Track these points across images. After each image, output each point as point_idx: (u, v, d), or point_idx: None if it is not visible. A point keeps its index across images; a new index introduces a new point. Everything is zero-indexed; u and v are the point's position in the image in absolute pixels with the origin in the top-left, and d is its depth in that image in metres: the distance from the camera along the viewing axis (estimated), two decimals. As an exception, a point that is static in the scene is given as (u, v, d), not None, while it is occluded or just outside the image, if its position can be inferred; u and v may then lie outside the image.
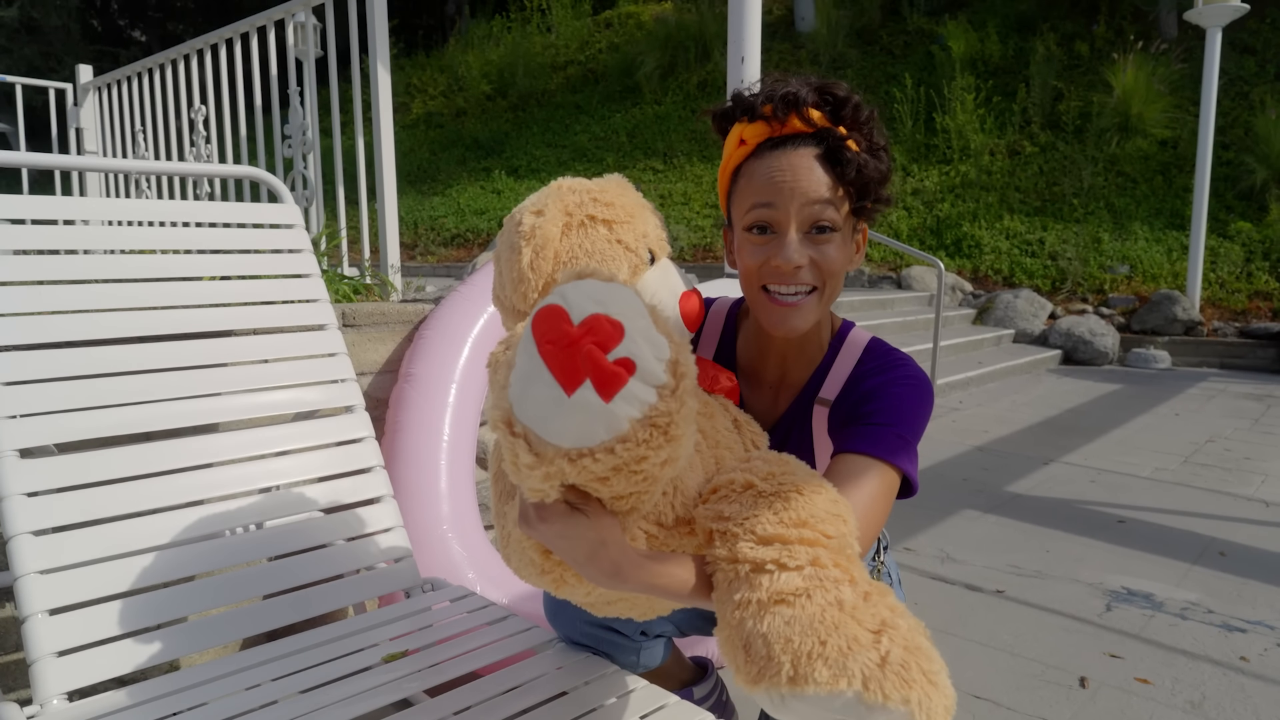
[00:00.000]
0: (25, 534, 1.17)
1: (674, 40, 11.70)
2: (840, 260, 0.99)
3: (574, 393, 0.60)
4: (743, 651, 0.71)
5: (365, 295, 2.55)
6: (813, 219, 0.97)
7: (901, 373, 1.04)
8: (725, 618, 0.74)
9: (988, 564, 2.51)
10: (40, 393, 1.28)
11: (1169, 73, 8.56)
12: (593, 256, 0.91)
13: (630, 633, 1.20)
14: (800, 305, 0.99)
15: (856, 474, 0.93)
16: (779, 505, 0.78)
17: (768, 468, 0.85)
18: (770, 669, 0.68)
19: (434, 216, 10.53)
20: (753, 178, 0.98)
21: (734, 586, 0.74)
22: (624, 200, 0.97)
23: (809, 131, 0.97)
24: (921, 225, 8.30)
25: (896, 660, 0.67)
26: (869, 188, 0.99)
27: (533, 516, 0.73)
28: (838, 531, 0.78)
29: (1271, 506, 3.09)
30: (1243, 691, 1.79)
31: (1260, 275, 6.85)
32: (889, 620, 0.71)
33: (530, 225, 0.91)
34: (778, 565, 0.73)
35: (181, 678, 1.17)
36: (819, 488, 0.82)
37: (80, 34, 16.05)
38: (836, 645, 0.67)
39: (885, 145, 1.01)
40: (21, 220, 1.42)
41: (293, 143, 2.91)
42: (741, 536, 0.76)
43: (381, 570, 1.48)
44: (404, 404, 1.87)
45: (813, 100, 0.96)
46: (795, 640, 0.68)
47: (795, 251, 0.96)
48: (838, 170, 0.96)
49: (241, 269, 1.61)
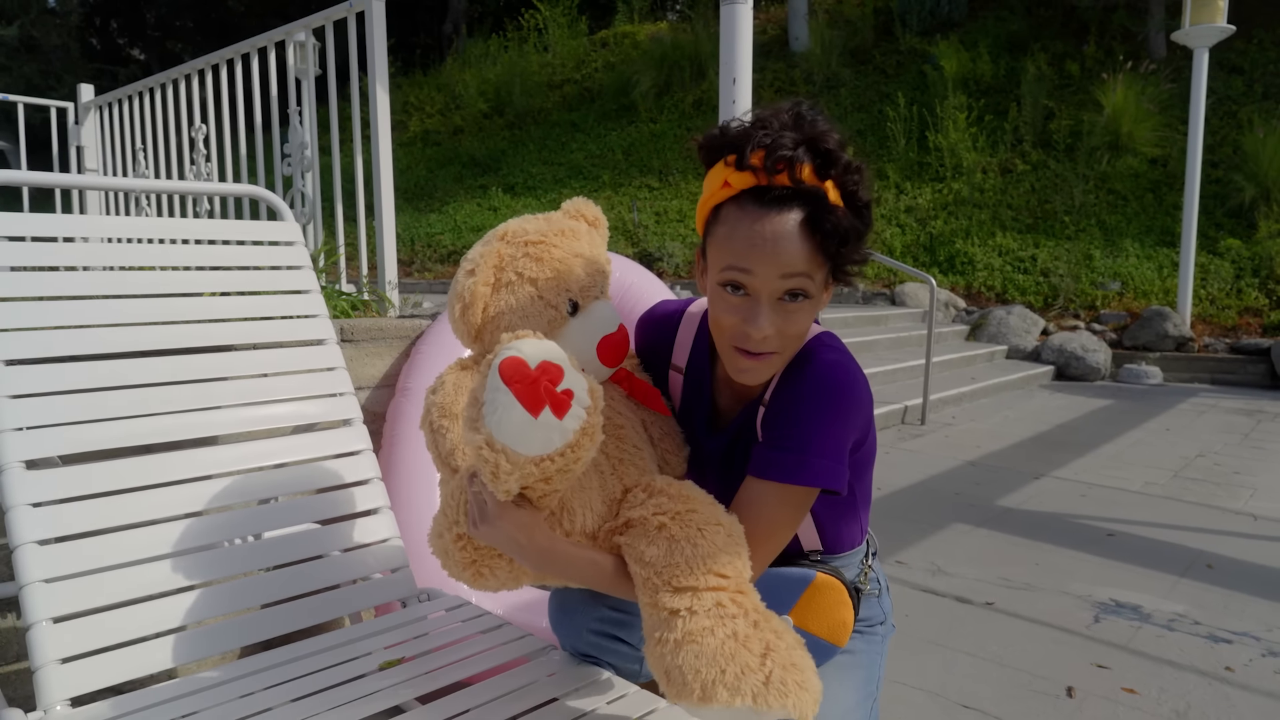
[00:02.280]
0: (30, 543, 1.20)
1: (669, 59, 11.82)
2: (806, 323, 1.02)
3: (539, 415, 0.83)
4: (664, 676, 0.95)
5: (363, 311, 2.58)
6: (787, 289, 0.98)
7: (813, 378, 1.05)
8: (650, 651, 0.97)
9: (978, 576, 2.54)
10: (46, 406, 1.31)
11: (1158, 92, 8.67)
12: (516, 312, 1.10)
13: (635, 642, 1.21)
14: (765, 360, 1.02)
15: (756, 499, 1.05)
16: (689, 552, 0.98)
17: (673, 506, 1.03)
18: (685, 692, 0.92)
19: (431, 233, 10.58)
20: (734, 231, 0.98)
21: (655, 625, 0.97)
22: (558, 252, 1.12)
23: (794, 189, 0.95)
24: (915, 242, 8.37)
25: (777, 679, 0.91)
26: (847, 253, 1.00)
27: (492, 515, 0.94)
28: (735, 571, 0.99)
29: (1260, 520, 3.12)
30: (1227, 701, 1.82)
31: (1250, 292, 6.92)
32: (772, 644, 0.94)
33: (463, 287, 1.10)
34: (689, 612, 0.95)
35: (180, 685, 1.20)
36: (718, 525, 1.02)
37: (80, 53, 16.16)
38: (733, 672, 0.91)
39: (868, 202, 1.00)
40: (21, 238, 1.45)
41: (292, 161, 2.95)
42: (661, 588, 0.98)
43: (378, 580, 1.50)
44: (401, 418, 1.90)
45: (805, 158, 0.95)
46: (702, 671, 0.92)
47: (766, 322, 0.98)
48: (818, 239, 0.96)
49: (242, 285, 1.64)
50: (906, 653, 2.04)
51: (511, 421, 0.84)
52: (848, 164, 0.97)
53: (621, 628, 1.19)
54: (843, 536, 1.21)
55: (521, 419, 0.83)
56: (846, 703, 1.17)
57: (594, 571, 1.02)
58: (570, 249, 1.13)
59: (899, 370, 5.53)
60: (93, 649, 1.19)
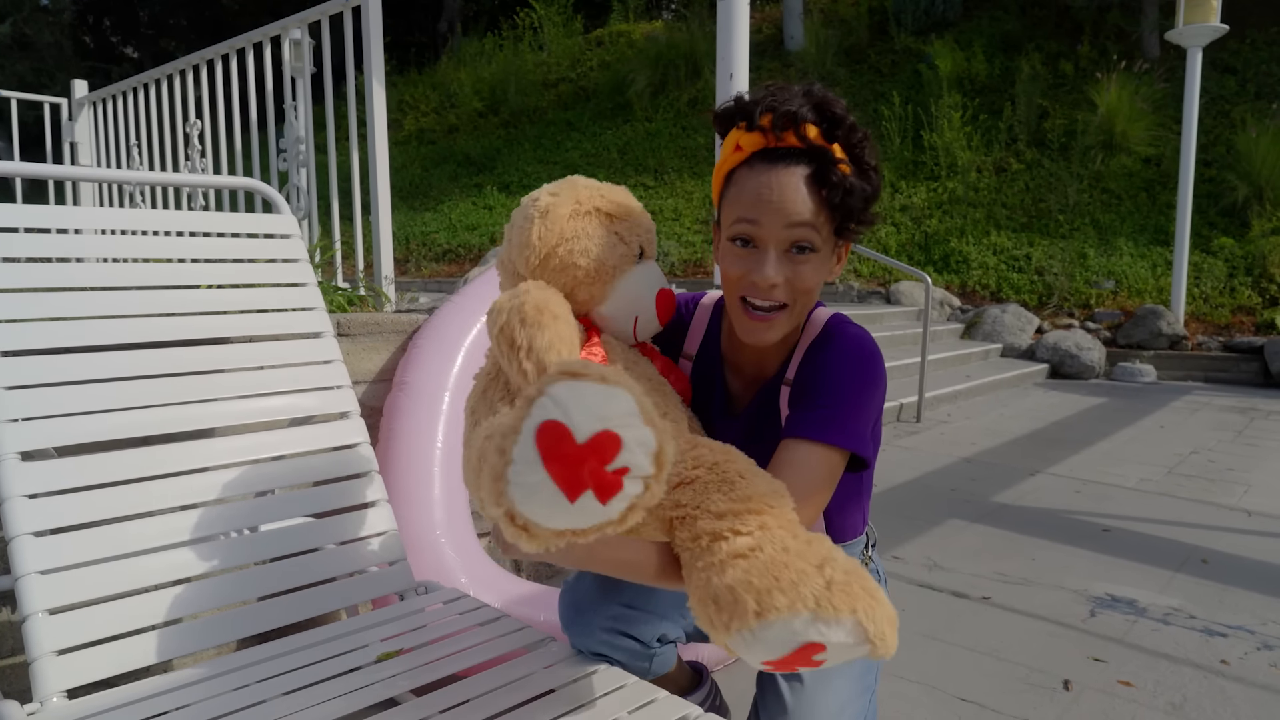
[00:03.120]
0: (26, 535, 1.19)
1: (665, 58, 11.82)
2: (815, 279, 1.03)
3: (576, 500, 0.67)
4: (712, 605, 0.82)
5: (359, 306, 2.57)
6: (793, 240, 1.00)
7: (840, 350, 1.07)
8: (694, 586, 0.85)
9: (974, 572, 2.54)
10: (41, 397, 1.30)
11: (1152, 92, 8.70)
12: (593, 239, 1.05)
13: (647, 639, 1.20)
14: (772, 320, 1.04)
15: (795, 459, 1.00)
16: (726, 488, 0.90)
17: (713, 456, 0.95)
18: (738, 610, 0.79)
19: (425, 232, 10.56)
20: (743, 188, 1.01)
21: (697, 557, 0.86)
22: (626, 202, 1.12)
23: (802, 148, 0.99)
24: (910, 241, 8.38)
25: (840, 582, 0.80)
26: (853, 210, 1.01)
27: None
28: (780, 504, 0.89)
29: (1254, 516, 3.13)
30: (1223, 693, 1.82)
31: (1243, 290, 6.94)
32: (829, 555, 0.83)
33: (545, 203, 1.06)
34: (732, 532, 0.85)
35: (176, 677, 1.19)
36: (758, 474, 0.93)
37: (73, 50, 16.09)
38: (789, 578, 0.79)
39: (875, 166, 1.03)
40: (14, 229, 1.44)
41: (288, 156, 2.94)
42: (699, 517, 0.88)
43: (375, 574, 1.50)
44: (398, 411, 1.90)
45: (811, 117, 0.98)
46: (754, 581, 0.80)
47: (773, 270, 1.00)
48: (824, 192, 0.98)
49: (238, 277, 1.64)
50: (904, 647, 2.04)
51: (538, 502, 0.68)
52: (853, 126, 1.00)
53: (633, 624, 1.18)
54: (846, 524, 1.21)
55: (551, 501, 0.68)
56: (845, 694, 1.17)
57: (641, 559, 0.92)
58: (636, 205, 1.14)
59: (894, 368, 5.54)
60: (89, 641, 1.18)
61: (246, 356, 1.54)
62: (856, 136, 1.00)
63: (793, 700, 1.15)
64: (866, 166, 1.02)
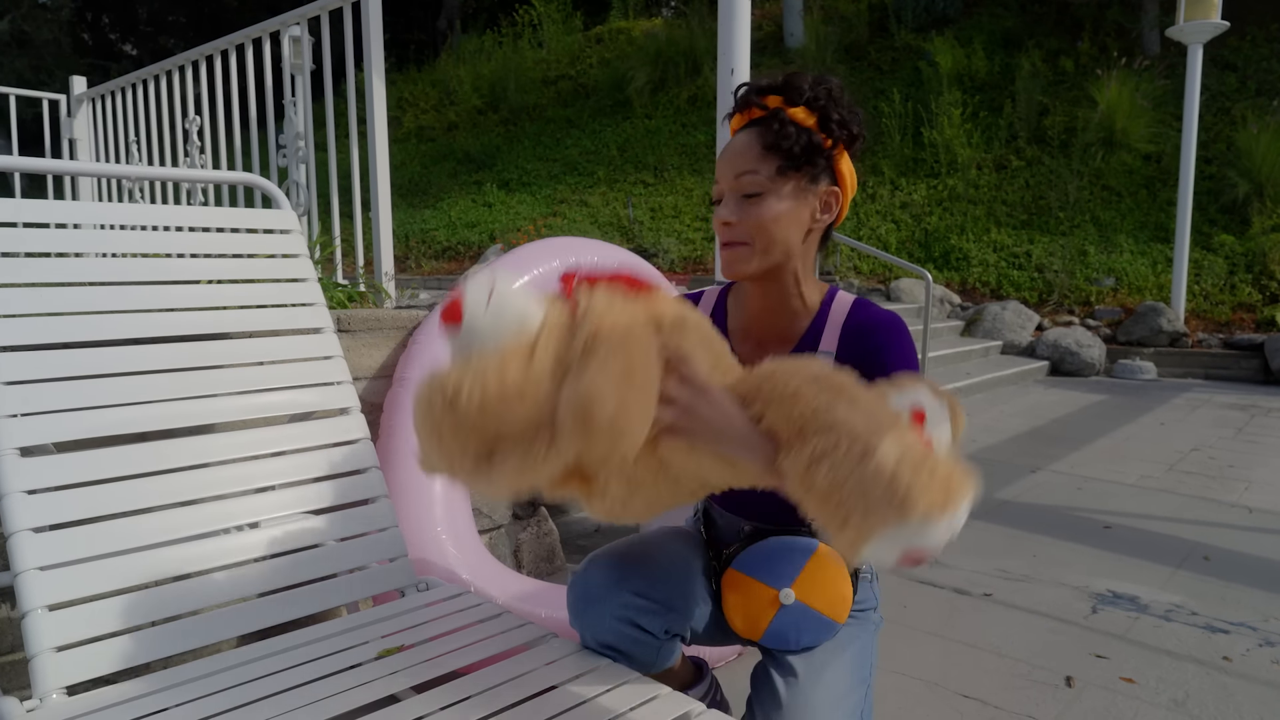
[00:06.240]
0: (25, 531, 1.19)
1: (664, 55, 11.80)
2: (768, 215, 1.12)
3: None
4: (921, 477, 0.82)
5: (359, 302, 2.57)
6: (740, 188, 1.13)
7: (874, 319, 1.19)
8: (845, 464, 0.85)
9: (976, 568, 2.54)
10: (40, 392, 1.29)
11: (1152, 88, 8.69)
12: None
13: (656, 631, 1.20)
14: (736, 252, 1.15)
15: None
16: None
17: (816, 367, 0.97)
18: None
19: (425, 229, 10.55)
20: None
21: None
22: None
23: (762, 115, 1.13)
24: (910, 238, 8.37)
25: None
26: (790, 152, 1.11)
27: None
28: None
29: (1255, 513, 3.13)
30: (1225, 690, 1.82)
31: (1243, 287, 6.94)
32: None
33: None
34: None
35: (176, 674, 1.19)
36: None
37: (71, 47, 16.06)
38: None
39: (843, 117, 1.13)
40: (13, 224, 1.43)
41: (287, 153, 2.93)
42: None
43: (376, 570, 1.49)
44: (398, 407, 1.89)
45: (768, 90, 1.14)
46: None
47: (724, 211, 1.15)
48: (768, 139, 1.12)
49: (238, 273, 1.63)
50: (906, 644, 2.03)
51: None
52: (819, 94, 1.12)
53: (642, 615, 1.17)
54: None
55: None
56: (841, 687, 1.16)
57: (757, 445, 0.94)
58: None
59: (895, 365, 5.53)
60: (89, 637, 1.18)
61: (246, 352, 1.54)
62: (825, 100, 1.12)
63: (787, 695, 1.15)
64: (831, 120, 1.13)
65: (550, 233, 9.55)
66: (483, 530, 2.24)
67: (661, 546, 1.27)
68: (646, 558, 1.22)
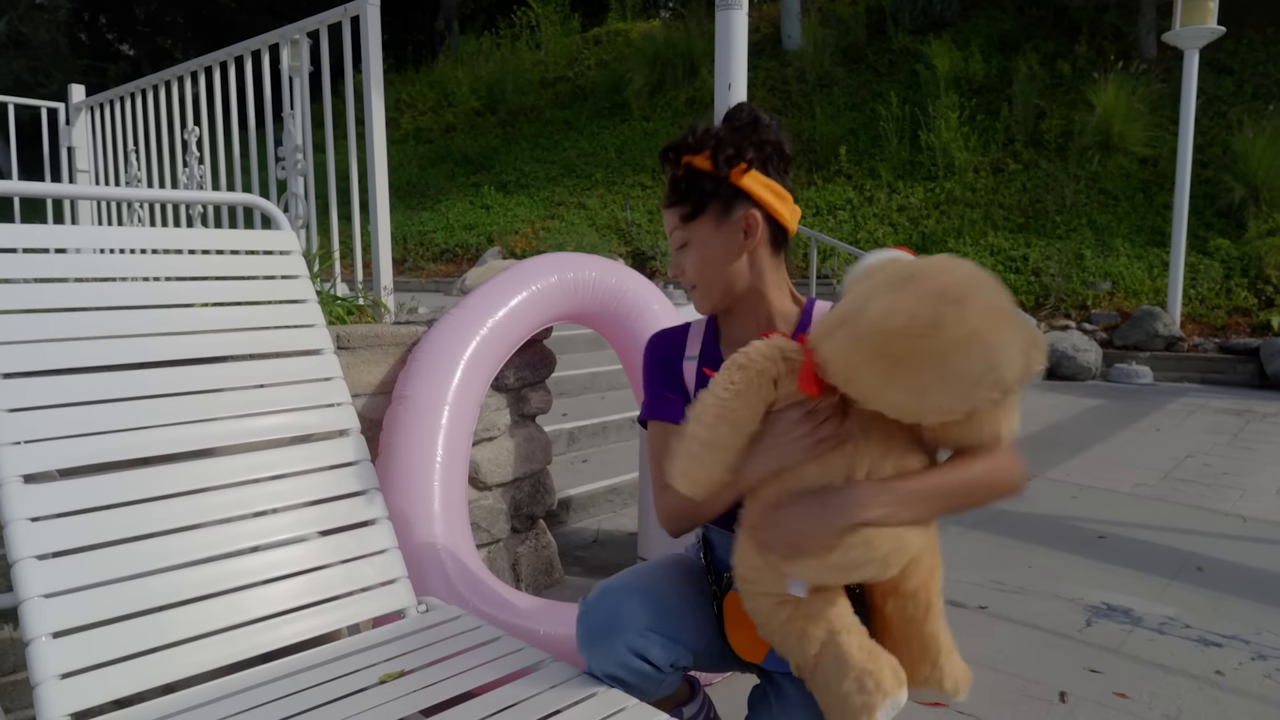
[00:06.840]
0: (29, 558, 1.20)
1: (662, 57, 11.81)
2: (699, 261, 1.25)
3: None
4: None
5: (358, 317, 2.57)
6: (674, 242, 1.29)
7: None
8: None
9: (971, 580, 2.55)
10: (43, 419, 1.30)
11: (1149, 92, 8.71)
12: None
13: (663, 665, 1.21)
14: (694, 295, 1.30)
15: None
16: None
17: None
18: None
19: (423, 231, 10.56)
20: None
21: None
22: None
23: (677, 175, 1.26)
24: (907, 241, 8.39)
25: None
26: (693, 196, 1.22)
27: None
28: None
29: (1249, 522, 3.15)
30: (1217, 705, 1.84)
31: (1239, 292, 6.96)
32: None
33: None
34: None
35: (179, 700, 1.20)
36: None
37: (69, 48, 16.05)
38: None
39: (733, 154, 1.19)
40: (13, 249, 1.44)
41: (286, 165, 2.94)
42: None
43: (376, 592, 1.51)
44: (397, 426, 1.90)
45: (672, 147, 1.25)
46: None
47: (672, 265, 1.31)
48: (676, 206, 1.25)
49: (238, 295, 1.64)
50: (901, 658, 2.05)
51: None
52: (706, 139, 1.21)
53: (651, 649, 1.18)
54: None
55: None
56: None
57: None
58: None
59: (892, 370, 5.55)
60: (92, 664, 1.19)
61: (247, 374, 1.55)
62: (709, 140, 1.20)
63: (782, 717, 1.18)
64: (720, 155, 1.20)
65: (548, 235, 9.55)
66: (481, 545, 2.26)
67: (670, 578, 1.29)
68: (658, 592, 1.24)
